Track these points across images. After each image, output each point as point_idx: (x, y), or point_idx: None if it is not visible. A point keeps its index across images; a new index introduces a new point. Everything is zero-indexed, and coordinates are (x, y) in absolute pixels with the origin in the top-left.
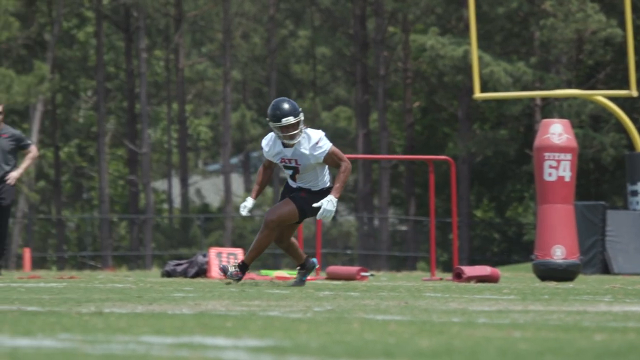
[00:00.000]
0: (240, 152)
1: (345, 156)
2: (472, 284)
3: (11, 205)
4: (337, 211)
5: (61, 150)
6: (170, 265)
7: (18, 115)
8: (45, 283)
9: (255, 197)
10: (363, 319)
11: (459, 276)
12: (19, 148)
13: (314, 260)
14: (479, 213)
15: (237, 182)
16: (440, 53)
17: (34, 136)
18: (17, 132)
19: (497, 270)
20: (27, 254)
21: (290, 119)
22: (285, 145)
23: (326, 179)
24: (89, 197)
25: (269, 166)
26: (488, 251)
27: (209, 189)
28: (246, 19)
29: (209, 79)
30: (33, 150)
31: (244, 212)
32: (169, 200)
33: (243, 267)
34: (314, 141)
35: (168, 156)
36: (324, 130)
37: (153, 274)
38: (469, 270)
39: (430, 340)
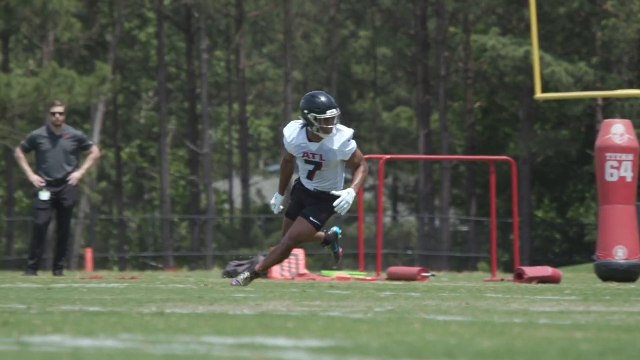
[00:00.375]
0: None
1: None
2: (534, 285)
3: (73, 206)
4: (397, 212)
5: (123, 151)
6: (232, 265)
7: (80, 116)
8: (107, 284)
9: (283, 193)
10: (424, 320)
11: (520, 277)
12: (80, 149)
13: (334, 228)
14: (540, 213)
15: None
16: (501, 53)
17: (96, 137)
18: (79, 133)
19: (559, 271)
20: (89, 254)
21: (335, 112)
22: (310, 140)
23: (342, 181)
24: (151, 197)
25: (291, 160)
26: (549, 252)
27: (270, 190)
28: (307, 20)
29: (270, 79)
30: (95, 151)
31: (276, 210)
32: (230, 201)
33: (254, 276)
34: (346, 138)
35: (229, 157)
36: (385, 131)
37: (214, 275)
38: (531, 271)
39: (491, 341)
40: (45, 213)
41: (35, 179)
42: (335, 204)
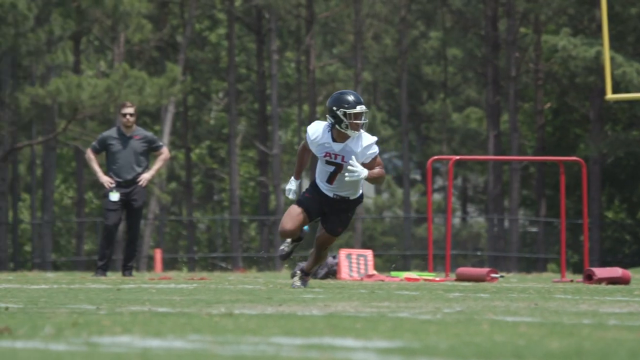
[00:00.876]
0: None
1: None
2: (603, 286)
3: (143, 206)
4: (466, 213)
5: (192, 152)
6: (300, 266)
7: (150, 117)
8: (176, 284)
9: (299, 178)
10: (493, 321)
11: (589, 278)
12: (150, 150)
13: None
14: (610, 214)
15: (367, 183)
16: (572, 54)
17: (166, 138)
18: (149, 134)
19: (629, 272)
20: (158, 255)
21: (364, 107)
22: (334, 140)
23: (361, 189)
24: (220, 198)
25: (309, 148)
26: (619, 253)
27: None
28: (377, 20)
29: (339, 80)
30: (165, 152)
31: (291, 195)
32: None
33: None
34: (370, 142)
35: None
36: (455, 132)
37: (283, 275)
38: (600, 272)
39: (560, 342)
40: (115, 214)
41: (105, 180)
42: (348, 168)
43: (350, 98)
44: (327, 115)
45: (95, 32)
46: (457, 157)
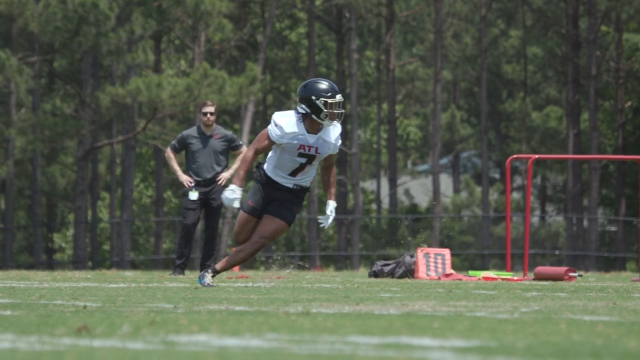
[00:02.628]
0: (449, 153)
1: None
2: None
3: (221, 206)
4: (545, 211)
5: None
6: (378, 265)
7: (230, 115)
8: (253, 283)
9: (243, 185)
10: (570, 320)
11: None
12: (230, 149)
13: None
14: None
15: (446, 182)
16: None
17: (245, 137)
18: (228, 132)
19: None
20: None
21: (341, 97)
22: (308, 131)
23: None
24: None
25: (261, 152)
26: None
27: (417, 189)
28: (458, 19)
29: (419, 79)
30: (244, 151)
31: (237, 204)
32: (377, 201)
33: (215, 273)
34: (339, 131)
35: (377, 156)
36: (534, 130)
37: (360, 275)
38: None
39: (638, 342)
40: (194, 213)
41: (185, 179)
42: (325, 223)
43: (329, 87)
44: (301, 105)
45: (176, 32)
46: (537, 156)
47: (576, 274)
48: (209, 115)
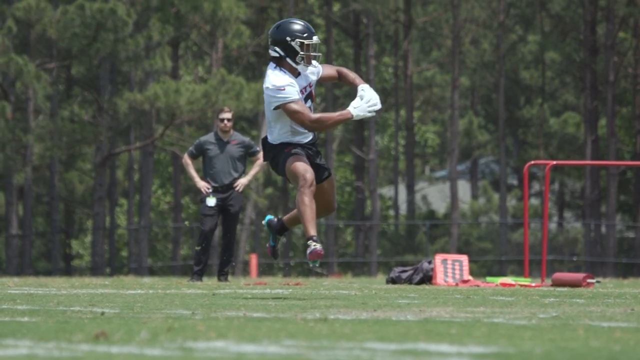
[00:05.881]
0: (467, 159)
1: None
2: None
3: (239, 212)
4: (563, 218)
5: None
6: (396, 271)
7: (247, 122)
8: (271, 289)
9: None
10: (588, 326)
11: None
12: (247, 155)
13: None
14: None
15: (463, 188)
16: None
17: None
18: (246, 139)
19: None
20: (253, 260)
21: (318, 39)
22: (293, 75)
23: None
24: None
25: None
26: None
27: (435, 196)
28: (476, 25)
29: (437, 85)
30: (261, 157)
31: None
32: (395, 207)
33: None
34: (315, 64)
35: (395, 163)
36: (552, 136)
37: (378, 281)
38: None
39: None
40: (211, 219)
41: (202, 185)
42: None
43: (305, 27)
44: (274, 48)
45: (194, 38)
46: (554, 162)
47: (594, 280)
48: (226, 122)
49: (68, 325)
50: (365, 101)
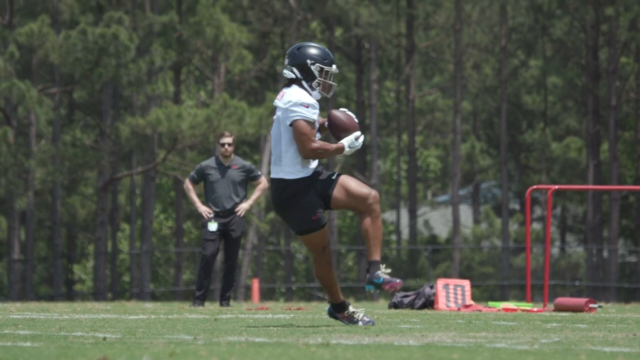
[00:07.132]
0: (469, 184)
1: None
2: None
3: (241, 236)
4: (565, 242)
5: None
6: (398, 296)
7: (249, 146)
8: (273, 314)
9: None
10: (590, 351)
11: None
12: (249, 179)
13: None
14: None
15: (465, 213)
16: None
17: (265, 167)
18: (247, 163)
19: None
20: (255, 285)
21: (336, 69)
22: None
23: None
24: None
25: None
26: None
27: (437, 220)
28: (478, 50)
29: (439, 109)
30: (263, 182)
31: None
32: (397, 231)
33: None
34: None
35: (397, 187)
36: (554, 161)
37: (380, 306)
38: None
39: None
40: (213, 244)
41: (204, 210)
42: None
43: (326, 53)
44: (291, 69)
45: (196, 63)
46: (556, 187)
47: (596, 305)
48: (226, 146)
49: (70, 350)
50: (355, 137)
